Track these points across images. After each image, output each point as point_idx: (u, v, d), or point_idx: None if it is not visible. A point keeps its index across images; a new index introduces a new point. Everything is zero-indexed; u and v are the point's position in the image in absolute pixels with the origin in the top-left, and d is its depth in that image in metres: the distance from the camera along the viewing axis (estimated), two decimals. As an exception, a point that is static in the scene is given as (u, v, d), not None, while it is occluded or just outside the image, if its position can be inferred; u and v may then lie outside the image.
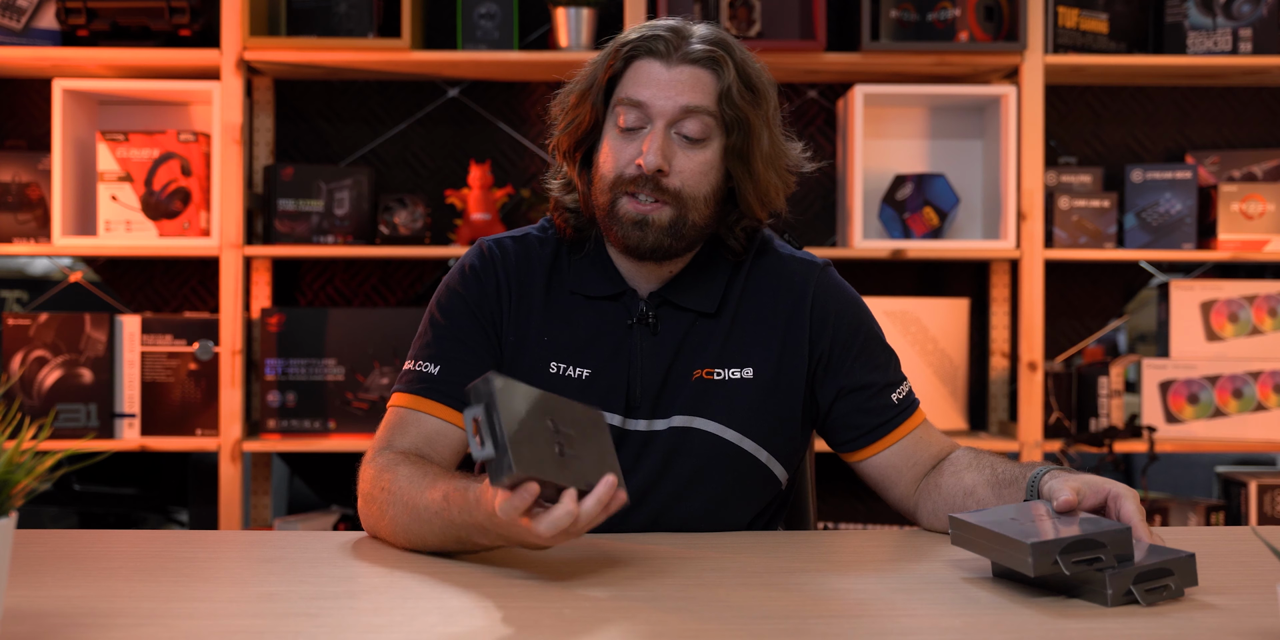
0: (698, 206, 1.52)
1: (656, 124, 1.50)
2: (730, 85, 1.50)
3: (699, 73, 1.51)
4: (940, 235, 2.99)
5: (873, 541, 1.53)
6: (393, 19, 3.01)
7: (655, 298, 1.58)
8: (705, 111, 1.50)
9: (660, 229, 1.51)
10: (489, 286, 1.58)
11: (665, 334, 1.57)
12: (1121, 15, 3.05)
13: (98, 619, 1.11)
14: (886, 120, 3.12)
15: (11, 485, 1.00)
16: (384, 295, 3.16)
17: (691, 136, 1.51)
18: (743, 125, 1.52)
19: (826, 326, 1.60)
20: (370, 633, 1.08)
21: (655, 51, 1.51)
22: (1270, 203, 2.98)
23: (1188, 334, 3.03)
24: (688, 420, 1.55)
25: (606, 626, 1.10)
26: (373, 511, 1.44)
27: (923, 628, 1.11)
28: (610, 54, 1.54)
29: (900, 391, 1.61)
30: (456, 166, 3.14)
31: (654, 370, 1.55)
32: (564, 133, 1.58)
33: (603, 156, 1.54)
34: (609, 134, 1.54)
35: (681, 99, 1.49)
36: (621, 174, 1.51)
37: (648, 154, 1.49)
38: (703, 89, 1.50)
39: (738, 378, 1.56)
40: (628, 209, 1.51)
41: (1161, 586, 1.18)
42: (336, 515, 3.09)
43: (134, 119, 3.07)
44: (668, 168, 1.50)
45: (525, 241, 1.63)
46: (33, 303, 3.41)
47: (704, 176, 1.52)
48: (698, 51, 1.50)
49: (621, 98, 1.52)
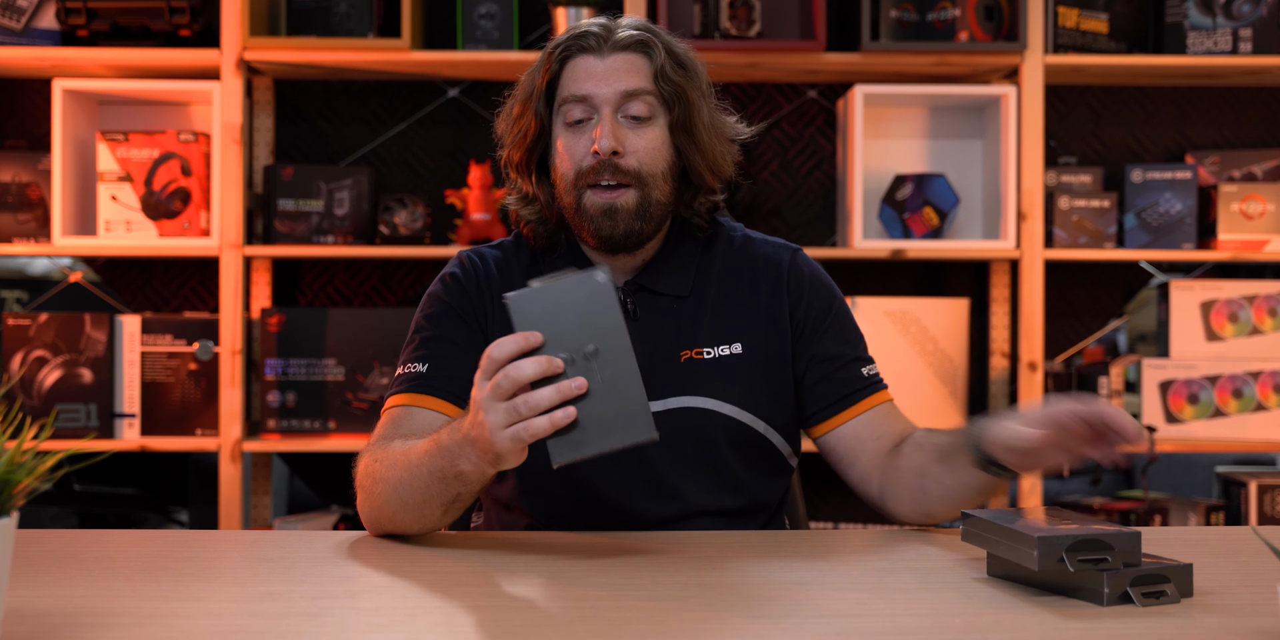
0: (658, 183, 1.57)
1: (603, 111, 1.55)
2: (663, 64, 1.56)
3: (632, 57, 1.57)
4: (940, 235, 2.99)
5: (872, 541, 1.53)
6: (393, 19, 3.01)
7: (631, 285, 1.63)
8: (645, 92, 1.56)
9: (629, 213, 1.56)
10: (471, 290, 1.63)
11: (645, 319, 1.61)
12: (1121, 15, 3.05)
13: (98, 619, 1.12)
14: (886, 120, 3.12)
15: (12, 485, 1.00)
16: (384, 295, 3.16)
17: (638, 115, 1.56)
18: (681, 99, 1.57)
19: (802, 299, 1.65)
20: (371, 632, 1.08)
21: (587, 47, 1.57)
22: (1270, 203, 2.98)
23: (1188, 334, 3.03)
24: (684, 400, 1.58)
25: (606, 626, 1.11)
26: (367, 487, 1.47)
27: (923, 628, 1.11)
28: (544, 59, 1.60)
29: (869, 368, 1.66)
30: (456, 166, 3.14)
31: (639, 355, 1.56)
32: (512, 146, 1.63)
33: (558, 156, 1.59)
34: (559, 134, 1.59)
35: (620, 84, 1.55)
36: (580, 166, 1.56)
37: (601, 138, 1.54)
38: (638, 71, 1.57)
39: (727, 354, 1.61)
40: (594, 200, 1.56)
41: (1159, 592, 1.18)
42: (336, 515, 3.09)
43: (134, 119, 3.07)
44: (622, 149, 1.55)
45: (502, 247, 1.69)
46: (33, 303, 3.42)
47: (658, 152, 1.57)
48: (625, 38, 1.57)
49: (565, 96, 1.57)
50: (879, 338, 2.88)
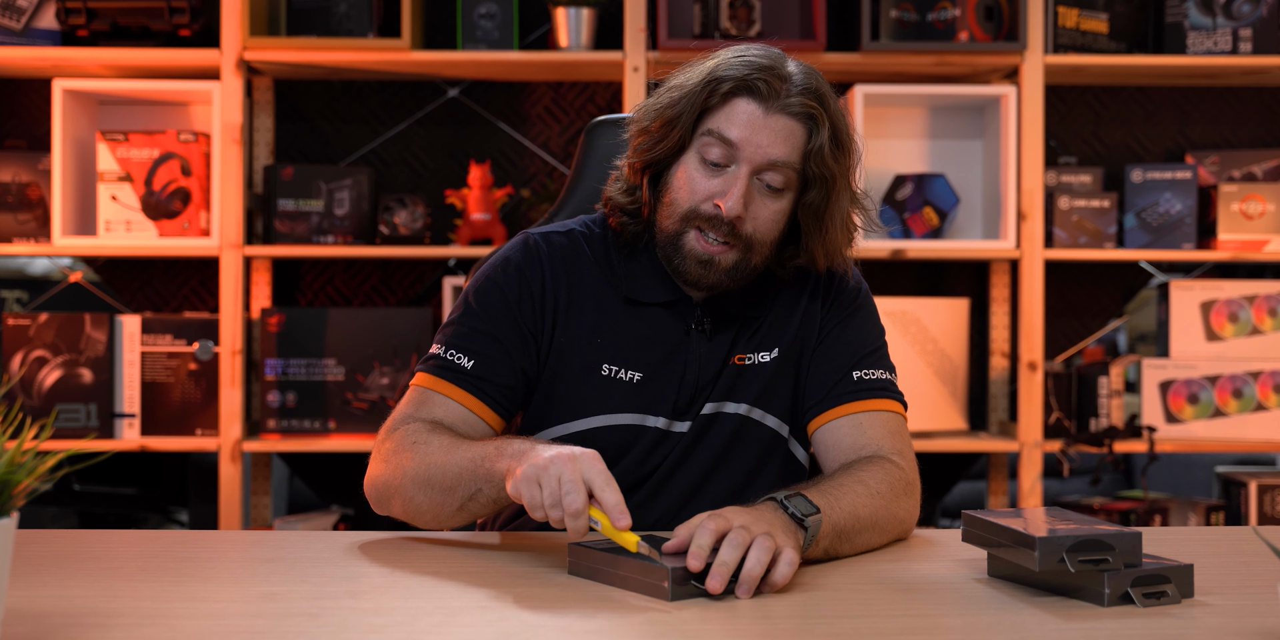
0: (762, 251, 1.54)
1: (742, 168, 1.49)
2: (822, 145, 1.50)
3: (793, 126, 1.50)
4: (940, 235, 2.99)
5: (873, 541, 1.52)
6: (393, 19, 3.01)
7: (709, 304, 1.59)
8: (791, 167, 1.50)
9: (723, 270, 1.52)
10: (534, 285, 1.57)
11: (719, 339, 1.58)
12: (1121, 15, 3.05)
13: (98, 619, 1.11)
14: (886, 120, 3.12)
15: (12, 485, 1.00)
16: (384, 295, 3.16)
17: (773, 186, 1.51)
18: (825, 184, 1.52)
19: (834, 302, 1.63)
20: (371, 633, 1.08)
21: (756, 91, 1.49)
22: (1270, 203, 2.98)
23: (1188, 334, 3.03)
24: (716, 406, 1.57)
25: (607, 626, 1.11)
26: (391, 458, 1.45)
27: (923, 628, 1.11)
28: (706, 85, 1.51)
29: (869, 373, 1.60)
30: (456, 166, 3.14)
31: (708, 373, 1.58)
32: (641, 150, 1.56)
33: (679, 182, 1.53)
34: (689, 162, 1.53)
35: (773, 151, 1.49)
36: (697, 209, 1.51)
37: (730, 200, 1.48)
38: (794, 143, 1.50)
39: (765, 360, 1.59)
40: (695, 246, 1.52)
41: (1159, 592, 1.18)
42: (336, 515, 3.09)
43: (134, 119, 3.07)
44: (745, 215, 1.50)
45: (572, 237, 1.62)
46: (33, 303, 3.42)
47: (776, 224, 1.53)
48: (796, 104, 1.49)
49: (712, 130, 1.51)
50: (879, 338, 2.88)
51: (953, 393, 3.00)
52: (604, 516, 1.24)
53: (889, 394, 1.59)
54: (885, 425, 1.56)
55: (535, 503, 1.26)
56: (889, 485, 1.46)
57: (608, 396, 1.55)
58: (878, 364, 1.61)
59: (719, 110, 1.51)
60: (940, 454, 3.23)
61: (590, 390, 1.55)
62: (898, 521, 1.47)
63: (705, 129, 1.51)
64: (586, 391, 1.55)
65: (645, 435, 1.55)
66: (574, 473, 1.25)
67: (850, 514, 1.38)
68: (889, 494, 1.45)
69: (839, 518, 1.36)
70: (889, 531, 1.46)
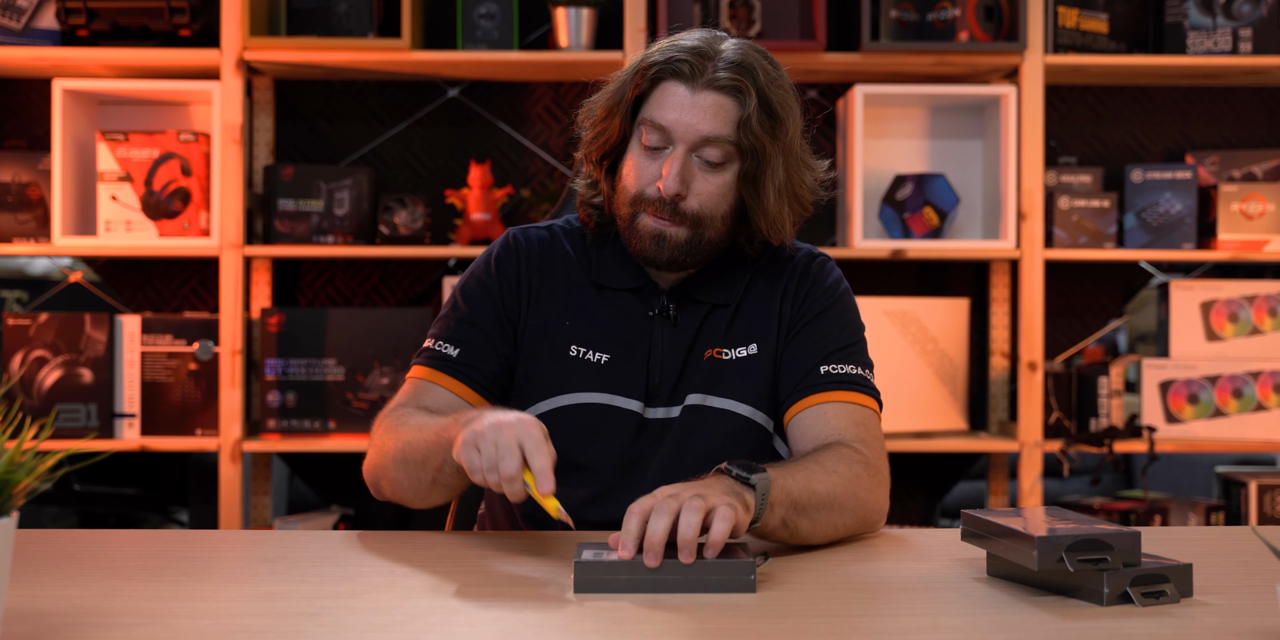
0: (714, 225, 1.57)
1: (677, 148, 1.54)
2: (750, 115, 1.52)
3: (721, 100, 1.53)
4: (940, 235, 2.99)
5: (872, 541, 1.53)
6: (393, 19, 3.01)
7: (676, 292, 1.64)
8: (724, 139, 1.53)
9: (676, 245, 1.56)
10: (509, 272, 1.65)
11: (684, 325, 1.63)
12: (1121, 15, 3.05)
13: (98, 619, 1.12)
14: (886, 120, 3.12)
15: (12, 485, 1.00)
16: (384, 295, 3.16)
17: (711, 160, 1.54)
18: (757, 154, 1.54)
19: (803, 301, 1.65)
20: (371, 632, 1.08)
21: (680, 74, 1.53)
22: (1270, 203, 2.98)
23: (1188, 334, 3.03)
24: (701, 398, 1.61)
25: (606, 625, 1.11)
26: (377, 443, 1.54)
27: (923, 628, 1.11)
28: (636, 73, 1.56)
29: (838, 367, 1.60)
30: (456, 166, 3.14)
31: (673, 359, 1.62)
32: (591, 143, 1.62)
33: (626, 170, 1.59)
34: (634, 150, 1.58)
35: (703, 127, 1.52)
36: (643, 193, 1.56)
37: (667, 179, 1.53)
38: (724, 117, 1.53)
39: (744, 356, 1.62)
40: (647, 224, 1.57)
41: (1158, 592, 1.18)
42: (336, 515, 3.09)
43: (134, 119, 3.07)
44: (685, 192, 1.54)
45: (552, 231, 1.70)
46: (33, 303, 3.42)
47: (721, 198, 1.56)
48: (722, 79, 1.52)
49: (646, 118, 1.56)
50: (879, 338, 2.88)
51: (953, 393, 3.00)
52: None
53: (859, 388, 1.60)
54: (850, 416, 1.57)
55: (474, 467, 1.32)
56: (847, 466, 1.47)
57: (576, 376, 1.61)
58: (849, 359, 1.62)
59: (651, 97, 1.56)
60: (940, 454, 3.23)
61: (560, 370, 1.61)
62: (860, 502, 1.46)
63: (642, 118, 1.56)
64: (557, 371, 1.61)
65: (616, 416, 1.59)
66: (509, 438, 1.30)
67: (805, 488, 1.39)
68: (848, 474, 1.46)
69: (793, 488, 1.37)
70: (853, 511, 1.46)
